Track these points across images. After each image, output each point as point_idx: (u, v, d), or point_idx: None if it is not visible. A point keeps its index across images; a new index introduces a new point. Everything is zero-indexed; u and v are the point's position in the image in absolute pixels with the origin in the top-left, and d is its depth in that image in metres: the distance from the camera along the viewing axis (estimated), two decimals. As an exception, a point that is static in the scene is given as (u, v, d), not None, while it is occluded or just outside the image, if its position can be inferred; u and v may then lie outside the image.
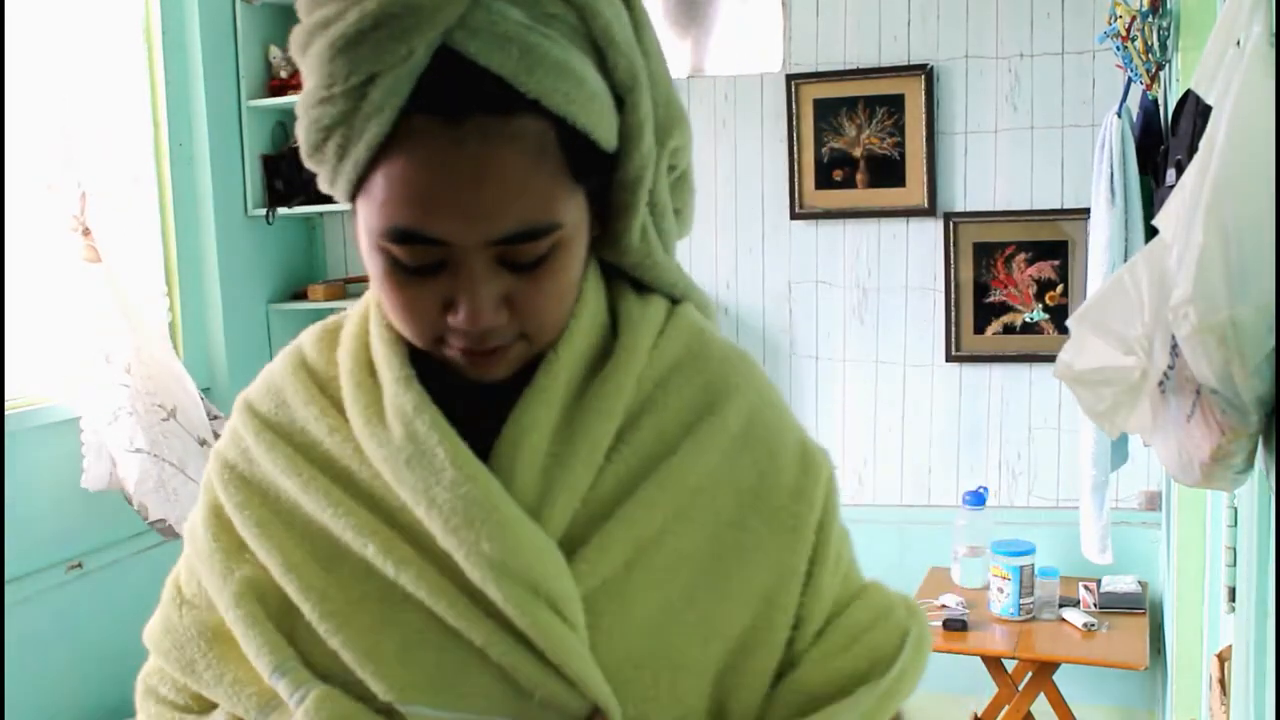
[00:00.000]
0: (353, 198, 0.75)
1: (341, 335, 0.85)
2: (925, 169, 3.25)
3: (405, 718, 0.75)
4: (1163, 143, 2.48)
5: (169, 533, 2.96)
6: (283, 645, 0.78)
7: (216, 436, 2.99)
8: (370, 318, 0.83)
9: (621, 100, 0.76)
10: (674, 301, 0.87)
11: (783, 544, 0.81)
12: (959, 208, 3.26)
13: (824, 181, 3.35)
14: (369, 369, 0.81)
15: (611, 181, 0.79)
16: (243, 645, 0.80)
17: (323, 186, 0.77)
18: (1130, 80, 2.65)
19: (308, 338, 0.87)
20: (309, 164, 0.76)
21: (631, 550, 0.78)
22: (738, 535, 0.81)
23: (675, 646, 0.79)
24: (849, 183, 3.33)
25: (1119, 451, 2.77)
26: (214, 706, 0.84)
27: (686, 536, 0.80)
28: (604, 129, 0.74)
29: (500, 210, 0.70)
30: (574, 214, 0.74)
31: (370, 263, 0.75)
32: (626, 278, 0.86)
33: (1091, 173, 2.73)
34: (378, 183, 0.71)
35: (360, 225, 0.75)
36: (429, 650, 0.75)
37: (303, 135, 0.74)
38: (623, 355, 0.80)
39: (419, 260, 0.72)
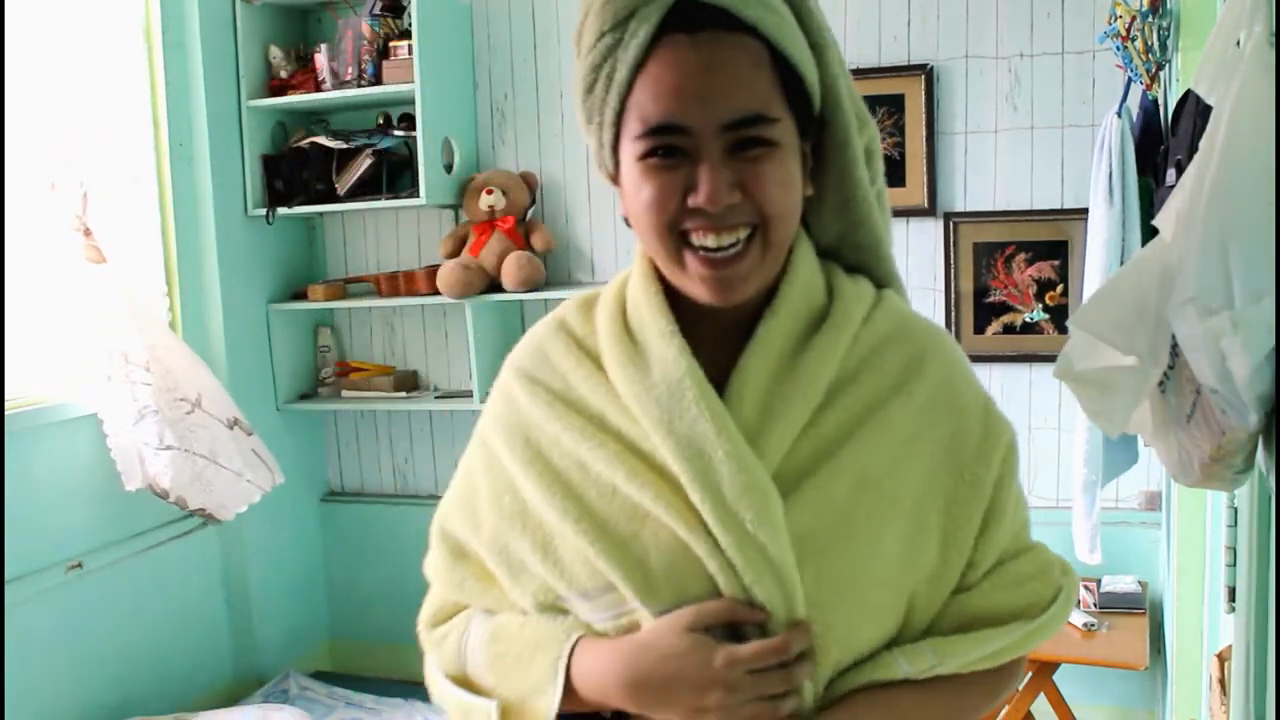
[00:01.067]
0: (617, 131, 0.93)
1: (598, 304, 1.03)
2: (925, 169, 3.25)
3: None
4: (1163, 143, 2.47)
5: (211, 519, 3.02)
6: (546, 588, 0.98)
7: (237, 423, 3.03)
8: (633, 284, 1.00)
9: (818, 58, 0.95)
10: (878, 286, 1.03)
11: (965, 496, 0.97)
12: (959, 208, 3.26)
13: (824, 181, 3.35)
14: (626, 328, 0.99)
15: (824, 143, 0.99)
16: (507, 582, 1.00)
17: (590, 139, 0.96)
18: (1130, 80, 2.65)
19: (568, 306, 1.06)
20: (583, 112, 0.95)
21: (854, 484, 0.93)
22: (933, 483, 0.96)
23: (882, 572, 0.94)
24: (849, 183, 3.32)
25: (1127, 452, 2.73)
26: None
27: (896, 480, 0.95)
28: (806, 64, 0.94)
29: (730, 96, 0.89)
30: (788, 130, 0.92)
31: (630, 178, 0.93)
32: (836, 263, 1.03)
33: (1091, 173, 2.73)
34: (636, 98, 0.90)
35: (624, 157, 0.93)
36: (664, 557, 0.92)
37: (580, 82, 0.94)
38: (839, 318, 0.97)
39: (669, 149, 0.90)
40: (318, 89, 3.40)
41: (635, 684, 0.92)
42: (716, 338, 0.97)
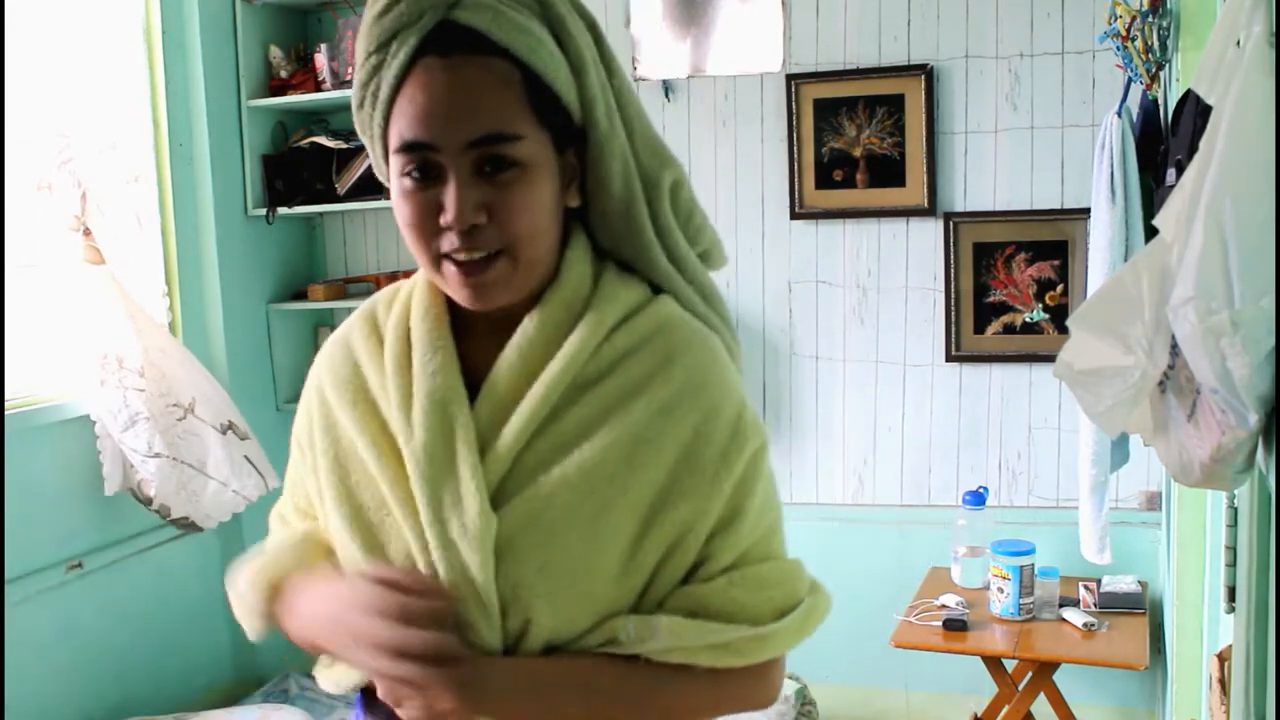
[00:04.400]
0: (385, 145, 1.00)
1: (397, 298, 1.10)
2: (925, 169, 3.25)
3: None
4: (1163, 143, 2.47)
5: (192, 528, 3.00)
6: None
7: (231, 427, 3.02)
8: (419, 288, 1.08)
9: (578, 76, 1.01)
10: (656, 291, 1.08)
11: (705, 492, 1.00)
12: (959, 208, 3.26)
13: (824, 181, 3.35)
14: (408, 330, 1.07)
15: (585, 158, 1.04)
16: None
17: (369, 149, 1.04)
18: (1130, 80, 2.65)
19: (380, 295, 1.13)
20: (358, 123, 1.03)
21: (585, 480, 0.98)
22: (671, 480, 0.99)
23: (605, 563, 0.98)
24: (849, 183, 3.33)
25: (1119, 451, 2.76)
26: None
27: (630, 478, 0.98)
28: (562, 83, 1.00)
29: (472, 116, 0.95)
30: (536, 146, 0.98)
31: (394, 191, 1.00)
32: (618, 264, 1.08)
33: (1091, 173, 2.73)
34: (395, 116, 0.98)
35: (390, 172, 1.01)
36: (398, 547, 1.02)
37: (354, 96, 1.02)
38: (591, 321, 1.02)
39: (421, 169, 0.97)
40: (318, 89, 3.40)
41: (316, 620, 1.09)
42: (493, 332, 1.04)
